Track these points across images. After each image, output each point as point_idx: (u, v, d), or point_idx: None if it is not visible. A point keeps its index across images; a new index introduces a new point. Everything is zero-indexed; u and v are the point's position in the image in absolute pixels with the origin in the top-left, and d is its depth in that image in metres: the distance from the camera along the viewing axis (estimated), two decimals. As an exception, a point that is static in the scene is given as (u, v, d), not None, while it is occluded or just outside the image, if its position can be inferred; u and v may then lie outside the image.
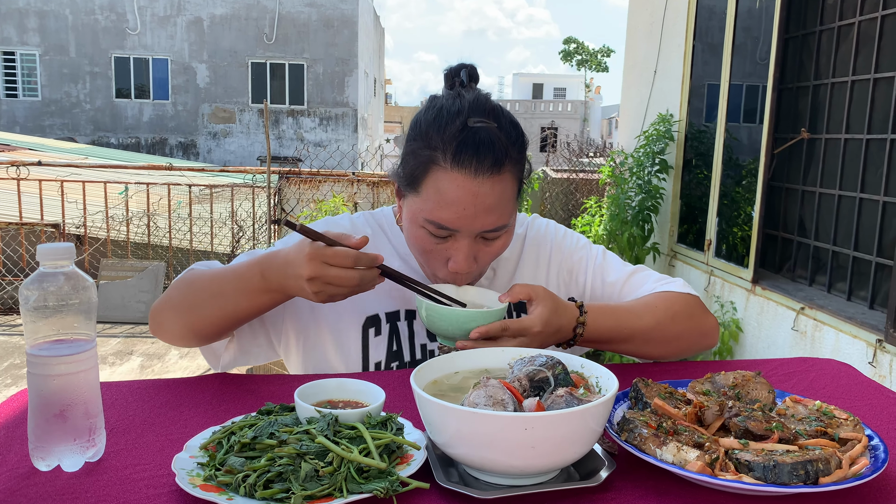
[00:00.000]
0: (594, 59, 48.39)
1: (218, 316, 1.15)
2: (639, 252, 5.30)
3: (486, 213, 1.13)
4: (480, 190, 1.12)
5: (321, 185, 6.30)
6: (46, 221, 6.54)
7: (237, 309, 1.14)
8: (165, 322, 1.22)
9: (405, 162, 1.19)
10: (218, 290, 1.15)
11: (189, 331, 1.19)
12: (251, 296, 1.12)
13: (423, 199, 1.15)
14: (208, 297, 1.15)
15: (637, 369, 1.20)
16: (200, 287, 1.18)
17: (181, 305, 1.19)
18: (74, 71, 21.48)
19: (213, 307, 1.15)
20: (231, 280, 1.13)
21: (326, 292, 1.05)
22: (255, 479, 0.76)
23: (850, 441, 0.83)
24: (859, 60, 3.51)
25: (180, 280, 1.22)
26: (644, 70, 5.98)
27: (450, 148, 1.11)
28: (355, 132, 22.63)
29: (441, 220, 1.13)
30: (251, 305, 1.14)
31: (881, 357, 3.04)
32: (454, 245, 1.17)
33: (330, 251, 1.03)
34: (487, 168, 1.11)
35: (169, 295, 1.21)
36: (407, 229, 1.22)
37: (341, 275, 1.03)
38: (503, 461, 0.78)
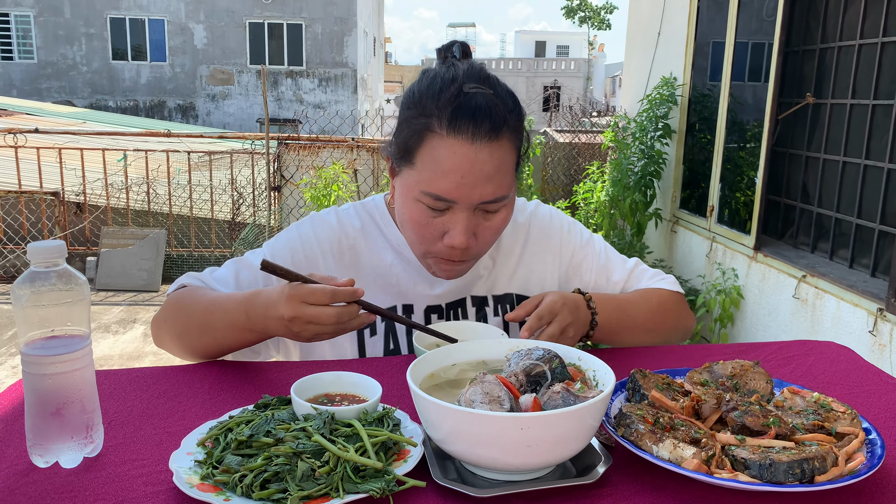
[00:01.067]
0: (597, 15, 47.57)
1: (209, 345, 1.17)
2: (640, 218, 5.28)
3: (485, 182, 1.09)
4: (478, 156, 1.07)
5: (320, 151, 6.25)
6: (46, 189, 6.51)
7: (226, 342, 1.15)
8: (164, 341, 1.25)
9: (399, 133, 1.15)
10: (208, 322, 1.15)
11: (186, 353, 1.22)
12: (238, 333, 1.13)
13: (418, 171, 1.11)
14: (199, 327, 1.16)
15: (636, 358, 1.20)
16: (191, 315, 1.18)
17: (175, 329, 1.20)
18: (70, 32, 21.18)
19: (204, 337, 1.16)
20: (219, 315, 1.14)
21: (308, 331, 1.03)
22: (251, 480, 0.76)
23: (848, 436, 0.83)
24: (867, 24, 3.43)
25: (172, 302, 1.22)
26: (648, 32, 5.87)
27: (445, 113, 1.08)
28: (355, 93, 22.39)
29: (438, 190, 1.09)
30: (240, 341, 1.15)
31: (881, 326, 3.05)
32: (452, 219, 1.12)
33: (306, 289, 1.02)
34: (485, 133, 1.07)
35: (164, 315, 1.23)
36: (400, 207, 1.18)
37: (319, 313, 1.01)
38: (499, 459, 0.78)
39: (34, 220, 6.64)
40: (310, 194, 5.30)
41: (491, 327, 1.18)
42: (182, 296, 1.22)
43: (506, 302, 1.33)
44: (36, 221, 6.64)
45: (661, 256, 5.49)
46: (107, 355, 4.79)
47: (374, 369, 1.15)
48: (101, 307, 5.83)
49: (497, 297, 1.32)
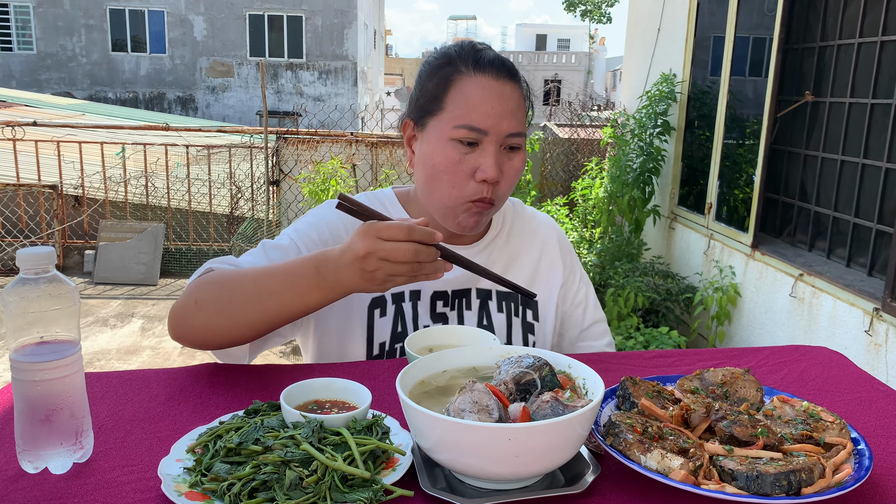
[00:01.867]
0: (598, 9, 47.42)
1: (259, 317, 1.09)
2: (639, 215, 5.28)
3: (511, 115, 1.20)
4: (504, 90, 1.20)
5: (319, 145, 6.24)
6: (44, 182, 6.50)
7: (284, 308, 1.07)
8: (193, 324, 1.13)
9: (422, 91, 1.25)
10: (261, 289, 1.08)
11: (220, 334, 1.12)
12: (303, 293, 1.05)
13: (449, 111, 1.20)
14: (249, 298, 1.08)
15: (628, 364, 1.20)
16: (237, 287, 1.10)
17: (213, 307, 1.11)
18: (69, 23, 21.10)
19: (255, 308, 1.08)
20: (279, 277, 1.07)
21: (383, 271, 0.97)
22: (239, 488, 0.76)
23: (836, 446, 0.83)
24: (867, 22, 3.42)
25: (205, 281, 1.14)
26: (647, 28, 5.85)
27: (469, 59, 1.21)
28: (355, 86, 22.33)
29: (472, 121, 1.17)
30: (302, 304, 1.07)
31: (878, 326, 3.05)
32: (482, 153, 1.19)
33: (383, 224, 0.98)
34: (506, 74, 1.21)
35: (194, 296, 1.12)
36: (429, 158, 1.22)
37: (395, 247, 0.96)
38: (487, 469, 0.78)
39: (32, 213, 6.63)
40: (308, 189, 5.30)
41: (483, 332, 1.17)
42: (219, 275, 1.14)
43: (510, 299, 1.36)
44: (34, 215, 6.63)
45: (659, 253, 5.49)
46: (104, 349, 4.79)
47: (367, 373, 1.15)
48: (98, 301, 5.83)
49: (502, 293, 1.35)
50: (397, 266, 0.97)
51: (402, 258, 0.96)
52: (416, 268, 0.98)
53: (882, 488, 0.82)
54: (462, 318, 1.33)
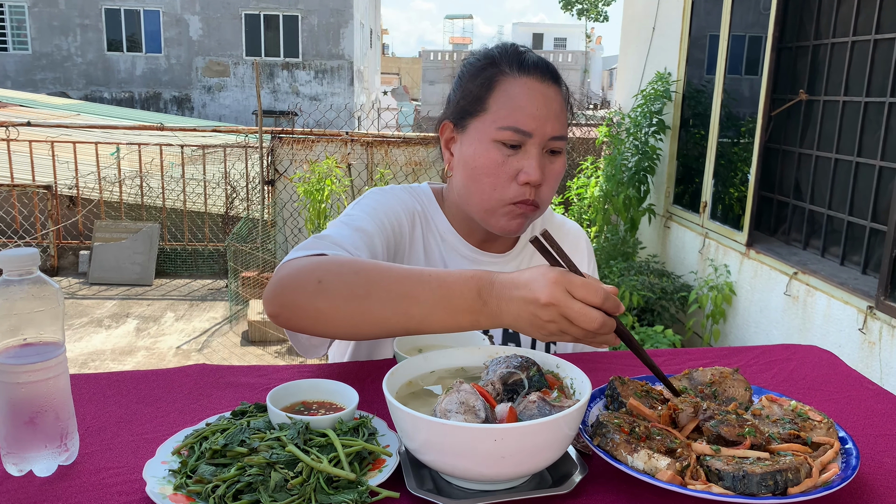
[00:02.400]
0: (594, 7, 47.43)
1: (393, 321, 0.98)
2: (634, 213, 5.29)
3: (555, 118, 1.19)
4: (548, 93, 1.20)
5: (314, 144, 6.23)
6: (38, 183, 6.49)
7: (425, 320, 0.96)
8: (310, 304, 1.00)
9: (464, 93, 1.23)
10: (407, 293, 0.97)
11: (338, 323, 1.00)
12: (454, 312, 0.94)
13: (493, 112, 1.19)
14: (391, 298, 0.97)
15: (618, 364, 1.20)
16: (378, 281, 0.99)
17: (344, 293, 0.98)
18: (64, 23, 21.05)
19: (394, 310, 0.97)
20: (433, 287, 0.95)
21: (558, 326, 0.88)
22: (224, 490, 0.75)
23: (823, 446, 0.83)
24: (860, 21, 3.43)
25: (333, 262, 1.02)
26: (642, 26, 5.86)
27: (514, 60, 1.20)
28: (351, 85, 22.31)
29: (517, 122, 1.17)
30: (446, 322, 0.96)
31: (871, 324, 3.06)
32: (525, 155, 1.18)
33: (578, 279, 0.87)
34: (550, 76, 1.21)
35: (316, 275, 1.00)
36: (470, 161, 1.21)
37: (584, 312, 0.86)
38: (473, 470, 0.78)
39: (27, 213, 6.62)
40: (303, 189, 5.29)
41: (472, 332, 1.17)
42: (352, 261, 1.04)
43: None
44: (29, 215, 6.62)
45: (655, 252, 5.50)
46: (99, 350, 4.78)
47: (356, 374, 1.15)
48: (93, 301, 5.82)
49: None
50: (574, 329, 0.88)
51: (585, 325, 0.87)
52: (591, 336, 0.89)
53: (869, 487, 0.82)
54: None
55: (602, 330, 0.87)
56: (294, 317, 1.02)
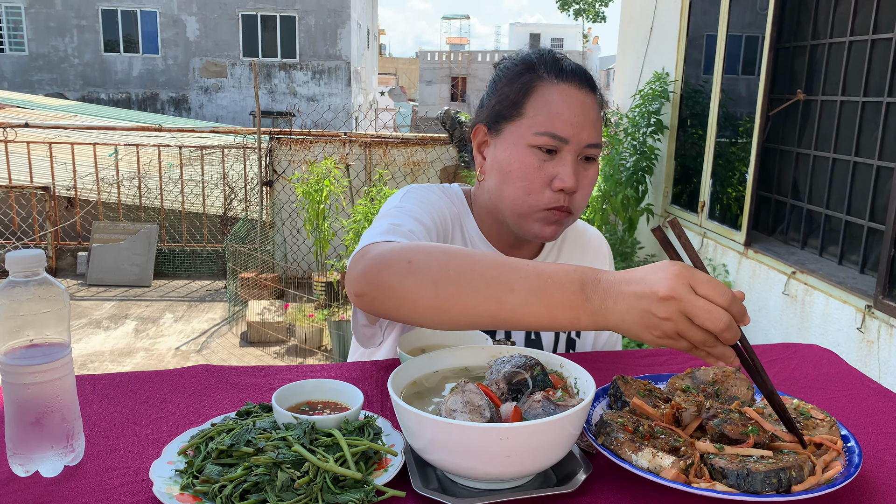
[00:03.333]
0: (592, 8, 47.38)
1: (481, 309, 0.91)
2: (632, 213, 5.29)
3: (591, 126, 1.19)
4: (586, 100, 1.20)
5: (313, 145, 6.23)
6: (36, 184, 6.48)
7: (517, 311, 0.88)
8: (398, 283, 0.95)
9: (500, 97, 1.23)
10: (502, 280, 0.89)
11: (421, 305, 0.95)
12: (551, 305, 0.86)
13: (529, 117, 1.19)
14: (483, 283, 0.91)
15: (620, 363, 1.20)
16: (471, 266, 0.93)
17: (433, 274, 0.93)
18: (61, 24, 21.01)
19: (484, 297, 0.90)
20: (530, 276, 0.88)
21: (675, 326, 0.78)
22: (231, 490, 0.76)
23: (826, 444, 0.84)
24: (857, 21, 3.44)
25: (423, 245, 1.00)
26: (640, 26, 5.87)
27: (552, 67, 1.21)
28: (349, 86, 22.31)
29: (553, 128, 1.17)
30: (541, 315, 0.87)
31: (870, 323, 3.07)
32: (560, 162, 1.18)
33: (703, 275, 0.79)
34: (587, 84, 1.22)
35: (406, 256, 0.96)
36: (504, 164, 1.21)
37: (711, 311, 0.77)
38: (479, 469, 0.78)
39: (25, 215, 6.61)
40: (301, 189, 5.29)
41: (476, 332, 1.18)
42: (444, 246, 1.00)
43: None
44: (26, 216, 6.61)
45: (653, 252, 5.51)
46: (97, 351, 4.77)
47: (360, 374, 1.15)
48: (92, 302, 5.81)
49: None
50: (694, 330, 0.78)
51: (709, 324, 0.77)
52: (710, 343, 0.79)
53: (871, 485, 0.82)
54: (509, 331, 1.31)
55: (727, 334, 0.78)
56: (380, 297, 0.97)
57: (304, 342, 5.06)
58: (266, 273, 5.93)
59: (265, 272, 5.95)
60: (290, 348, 5.06)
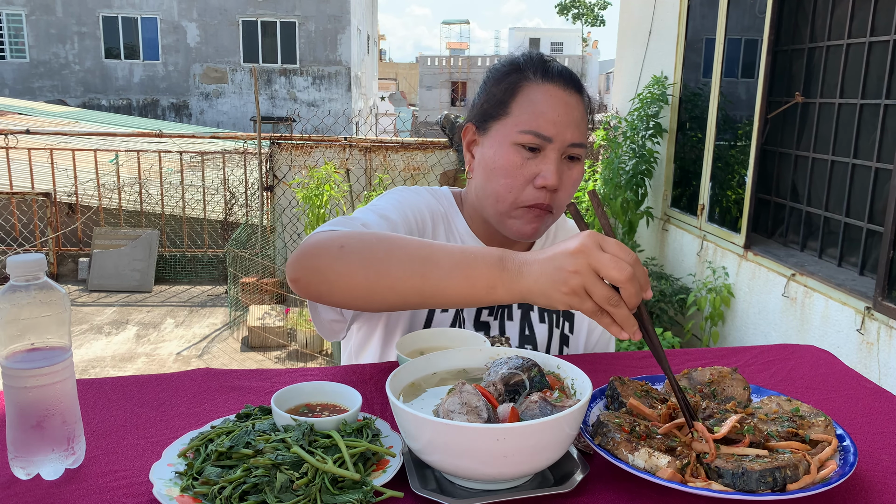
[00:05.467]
0: (591, 12, 47.54)
1: (409, 284, 0.97)
2: (632, 216, 5.30)
3: (575, 126, 1.21)
4: (570, 100, 1.22)
5: (313, 150, 6.24)
6: (37, 191, 6.49)
7: (441, 285, 0.95)
8: (330, 267, 1.01)
9: (488, 96, 1.26)
10: (428, 256, 0.96)
11: (354, 286, 1.01)
12: (472, 278, 0.93)
13: (514, 116, 1.21)
14: (410, 260, 0.97)
15: (617, 364, 1.21)
16: (400, 245, 0.99)
17: (363, 256, 0.99)
18: (62, 31, 21.08)
19: (412, 272, 0.96)
20: (453, 252, 0.96)
21: (582, 280, 0.84)
22: (230, 492, 0.76)
23: (821, 443, 0.84)
24: (855, 23, 3.45)
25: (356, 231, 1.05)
26: (639, 30, 5.88)
27: (538, 68, 1.23)
28: (349, 91, 22.36)
29: (537, 127, 1.18)
30: (462, 289, 0.94)
31: (869, 324, 3.07)
32: (543, 160, 1.20)
33: (613, 240, 0.86)
34: (572, 85, 1.23)
35: (339, 241, 1.01)
36: (488, 160, 1.23)
37: (616, 262, 0.83)
38: (476, 469, 0.79)
39: (26, 221, 6.62)
40: (302, 194, 5.30)
41: (474, 334, 1.18)
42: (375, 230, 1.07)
43: (552, 311, 1.35)
44: (28, 223, 6.62)
45: (653, 255, 5.51)
46: (99, 357, 4.78)
47: (359, 376, 1.15)
48: (93, 308, 5.82)
49: None
50: (599, 286, 0.84)
51: (615, 273, 0.82)
52: (614, 302, 0.84)
53: (866, 484, 0.83)
54: (503, 328, 1.33)
55: (630, 287, 0.82)
56: (313, 281, 1.03)
57: (305, 347, 5.07)
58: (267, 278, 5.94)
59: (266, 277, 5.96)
60: (291, 353, 5.06)
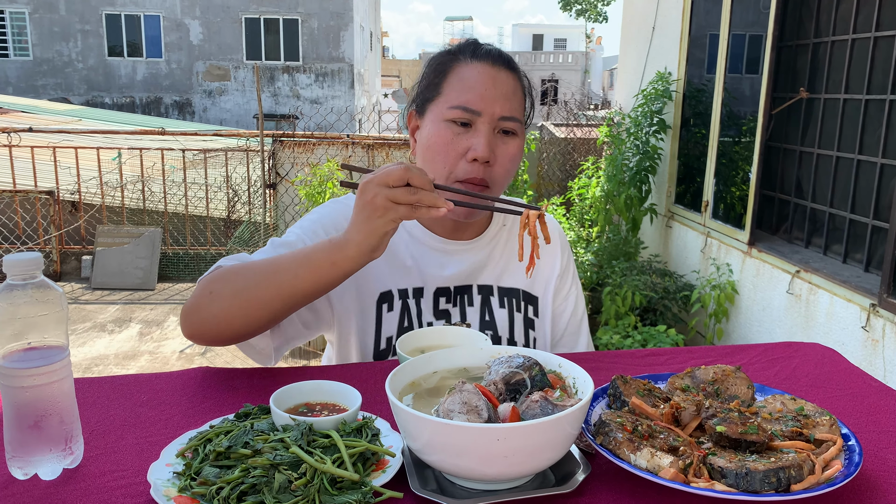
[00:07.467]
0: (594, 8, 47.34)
1: (273, 294, 1.08)
2: (636, 213, 5.28)
3: (505, 99, 1.23)
4: (499, 76, 1.24)
5: (315, 148, 6.23)
6: (40, 188, 6.50)
7: (297, 283, 1.07)
8: (209, 314, 1.11)
9: (425, 81, 1.30)
10: (275, 266, 1.09)
11: (235, 319, 1.10)
12: (316, 267, 1.06)
13: (445, 94, 1.24)
14: (263, 275, 1.09)
15: (620, 362, 1.20)
16: (251, 270, 1.11)
17: (229, 292, 1.10)
18: (65, 29, 21.09)
19: (269, 284, 1.08)
20: (294, 255, 1.09)
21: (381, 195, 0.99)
22: (228, 492, 0.76)
23: (826, 443, 0.83)
24: (860, 18, 3.43)
25: (218, 274, 1.14)
26: (642, 26, 5.86)
27: (468, 48, 1.27)
28: (352, 88, 22.33)
29: (465, 101, 1.21)
30: (314, 279, 1.07)
31: (874, 321, 3.05)
32: (474, 134, 1.22)
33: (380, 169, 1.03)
34: (503, 63, 1.26)
35: (208, 289, 1.12)
36: (426, 141, 1.26)
37: (389, 170, 1.00)
38: (477, 469, 0.78)
39: (29, 219, 6.63)
40: (305, 192, 5.30)
41: (475, 333, 1.17)
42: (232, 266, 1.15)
43: (512, 296, 1.37)
44: (31, 221, 6.63)
45: (657, 252, 5.49)
46: (102, 355, 4.78)
47: (358, 375, 1.15)
48: (96, 306, 5.83)
49: (503, 289, 1.37)
50: (394, 191, 0.99)
51: (395, 179, 0.99)
52: (412, 192, 1.00)
53: (872, 484, 0.82)
54: (465, 314, 1.34)
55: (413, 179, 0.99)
56: (204, 331, 1.13)
57: (307, 344, 5.06)
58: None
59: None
60: (293, 350, 5.06)
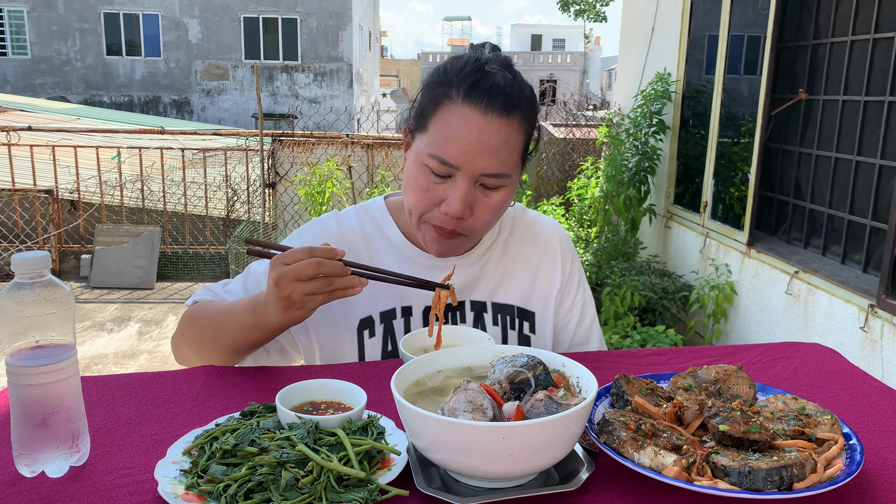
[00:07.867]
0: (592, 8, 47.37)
1: (222, 350, 1.20)
2: (635, 214, 5.29)
3: (490, 154, 1.12)
4: (487, 127, 1.12)
5: (315, 147, 6.24)
6: (39, 187, 6.50)
7: (237, 344, 1.18)
8: (184, 355, 1.28)
9: (419, 103, 1.20)
10: (219, 326, 1.20)
11: (203, 360, 1.23)
12: (247, 332, 1.16)
13: (429, 135, 1.15)
14: (212, 333, 1.21)
15: (622, 363, 1.21)
16: (205, 323, 1.23)
17: (192, 339, 1.24)
18: (64, 27, 21.06)
19: (216, 342, 1.20)
20: (230, 318, 1.18)
21: (297, 291, 1.04)
22: (235, 489, 0.76)
23: (828, 442, 0.84)
24: (859, 20, 3.44)
25: (188, 315, 1.27)
26: (642, 26, 5.87)
27: (464, 84, 1.13)
28: (350, 88, 22.33)
29: (444, 154, 1.12)
30: (248, 341, 1.17)
31: (873, 322, 3.06)
32: (452, 187, 1.14)
33: (284, 253, 1.06)
34: (497, 108, 1.12)
35: (181, 330, 1.27)
36: (407, 172, 1.21)
37: (300, 265, 1.02)
38: (481, 468, 0.79)
39: (28, 218, 6.63)
40: (304, 191, 5.30)
41: (478, 332, 1.18)
42: (196, 309, 1.27)
43: (506, 312, 1.32)
44: (30, 219, 6.62)
45: (655, 252, 5.50)
46: (101, 354, 4.79)
47: (365, 374, 1.15)
48: (95, 305, 5.83)
49: (497, 305, 1.32)
50: (308, 284, 1.03)
51: (307, 273, 1.02)
52: (327, 282, 1.04)
53: (873, 483, 0.83)
54: None
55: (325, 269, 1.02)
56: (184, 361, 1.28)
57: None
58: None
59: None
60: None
